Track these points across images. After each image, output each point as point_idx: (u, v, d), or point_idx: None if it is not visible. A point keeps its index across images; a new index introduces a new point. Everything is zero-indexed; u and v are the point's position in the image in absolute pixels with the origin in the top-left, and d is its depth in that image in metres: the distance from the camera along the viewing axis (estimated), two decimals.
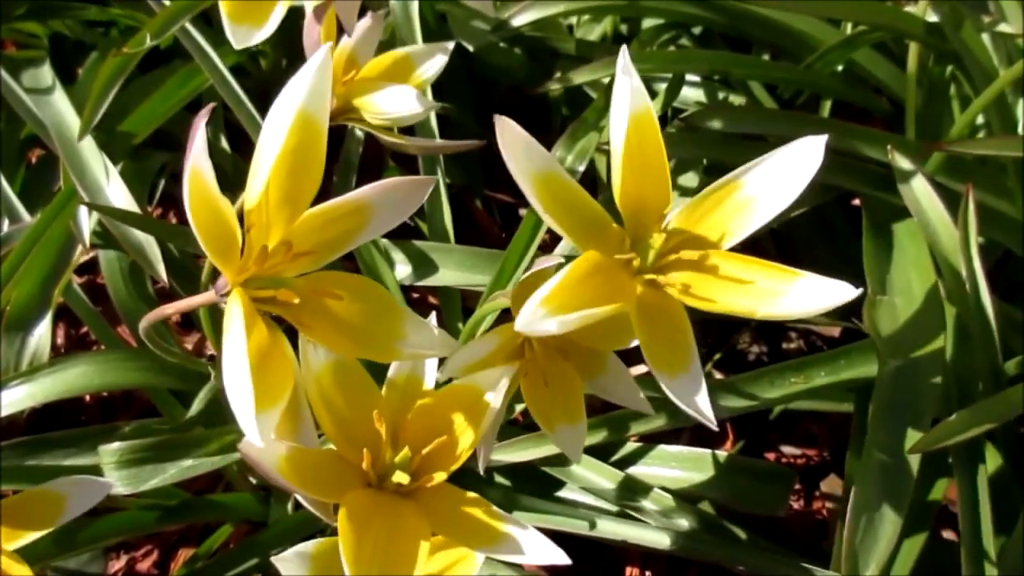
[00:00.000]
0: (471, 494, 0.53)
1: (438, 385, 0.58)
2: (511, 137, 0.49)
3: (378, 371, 0.56)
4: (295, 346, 0.51)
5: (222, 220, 0.46)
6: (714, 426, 0.48)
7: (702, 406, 0.48)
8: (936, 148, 0.71)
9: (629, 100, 0.51)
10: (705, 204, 0.53)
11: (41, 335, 0.77)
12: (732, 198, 0.53)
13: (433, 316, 0.60)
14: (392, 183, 0.51)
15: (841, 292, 0.48)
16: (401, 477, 0.51)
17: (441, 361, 0.55)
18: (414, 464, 0.52)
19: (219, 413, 0.72)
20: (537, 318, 0.47)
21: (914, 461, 0.62)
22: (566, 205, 0.51)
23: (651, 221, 0.52)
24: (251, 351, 0.44)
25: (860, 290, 0.48)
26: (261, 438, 0.43)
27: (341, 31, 0.66)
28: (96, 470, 0.72)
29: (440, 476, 0.51)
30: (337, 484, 0.50)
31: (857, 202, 0.86)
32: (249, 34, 0.56)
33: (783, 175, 0.52)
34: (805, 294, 0.49)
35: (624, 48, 0.52)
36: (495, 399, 0.54)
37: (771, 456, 0.83)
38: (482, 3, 0.61)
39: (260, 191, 0.47)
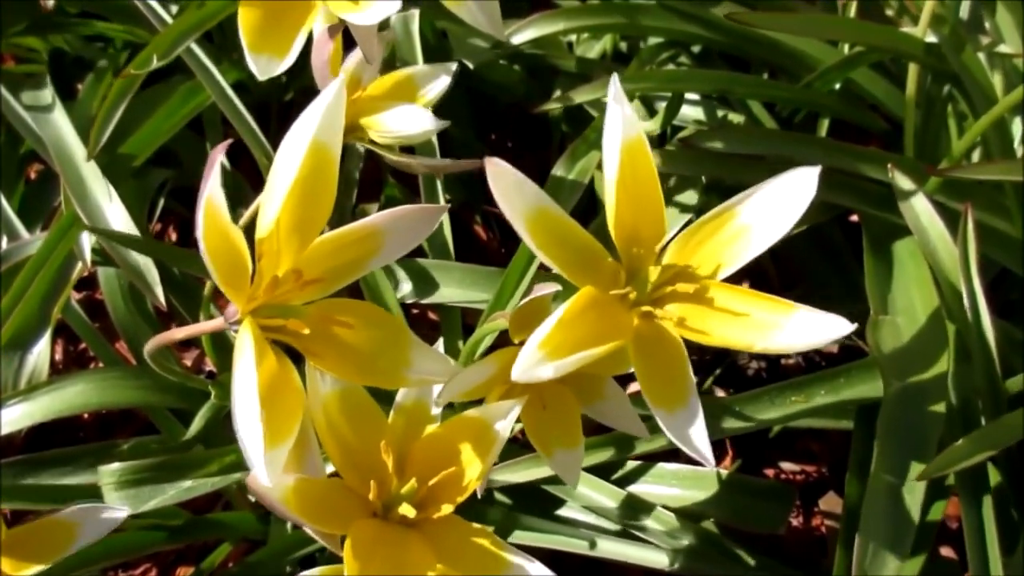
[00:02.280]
0: (477, 526, 0.53)
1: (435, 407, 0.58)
2: (502, 176, 0.49)
3: (385, 396, 0.56)
4: (301, 371, 0.51)
5: (234, 250, 0.47)
6: (712, 466, 0.49)
7: (700, 445, 0.49)
8: (936, 174, 0.71)
9: (621, 129, 0.52)
10: (700, 233, 0.53)
11: (40, 353, 0.77)
12: (727, 227, 0.53)
13: (440, 342, 0.61)
14: (403, 211, 0.51)
15: (837, 327, 0.49)
16: (407, 510, 0.51)
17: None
18: (420, 495, 0.52)
19: (219, 432, 0.72)
20: (534, 363, 0.47)
21: (919, 484, 0.62)
22: (560, 241, 0.51)
23: (646, 251, 0.52)
24: (261, 385, 0.44)
25: (855, 325, 0.49)
26: (269, 477, 0.43)
27: (346, 50, 0.66)
28: (94, 489, 0.72)
29: (447, 509, 0.52)
30: (343, 514, 0.51)
31: (855, 218, 0.86)
32: (271, 64, 0.56)
33: (778, 204, 0.53)
34: (801, 327, 0.50)
35: (615, 77, 0.52)
36: (503, 431, 0.54)
37: (770, 472, 0.83)
38: (492, 26, 0.61)
39: (272, 221, 0.47)
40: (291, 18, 0.57)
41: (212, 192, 0.45)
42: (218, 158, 0.46)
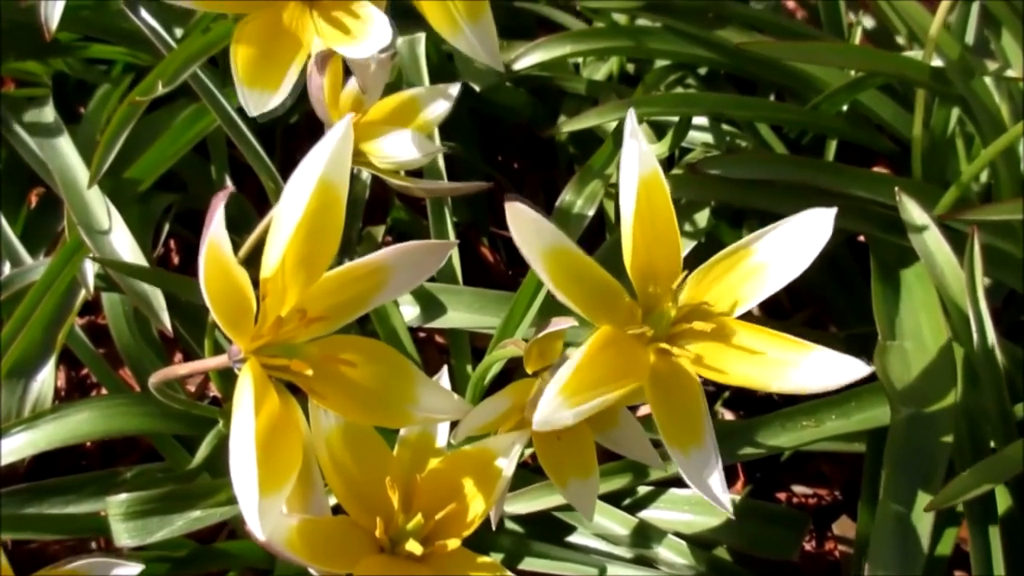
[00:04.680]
0: (485, 558, 0.53)
1: (451, 446, 0.57)
2: (520, 216, 0.50)
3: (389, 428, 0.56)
4: (303, 402, 0.51)
5: (237, 291, 0.47)
6: (729, 512, 0.49)
7: (715, 489, 0.49)
8: (944, 217, 0.71)
9: (638, 165, 0.52)
10: (716, 270, 0.54)
11: (44, 380, 0.76)
12: (743, 264, 0.54)
13: (445, 374, 0.60)
14: (410, 247, 0.51)
15: (853, 369, 0.50)
16: (414, 547, 0.51)
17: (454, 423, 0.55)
18: (427, 529, 0.52)
19: (225, 459, 0.72)
20: (554, 410, 0.47)
21: (928, 513, 0.62)
22: (577, 278, 0.51)
23: (662, 288, 0.53)
24: (262, 428, 0.44)
25: (871, 368, 0.49)
26: (263, 526, 0.42)
27: (348, 73, 0.66)
28: (98, 518, 0.71)
29: (454, 543, 0.51)
30: (349, 552, 0.50)
31: (862, 238, 0.86)
32: (264, 99, 0.56)
33: (794, 243, 0.53)
34: (817, 369, 0.50)
35: (631, 112, 0.52)
36: (508, 465, 0.54)
37: (782, 496, 0.83)
38: (490, 57, 0.61)
39: (278, 260, 0.47)
40: (284, 53, 0.57)
41: (215, 236, 0.45)
42: (221, 203, 0.46)
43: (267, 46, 0.57)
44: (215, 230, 0.45)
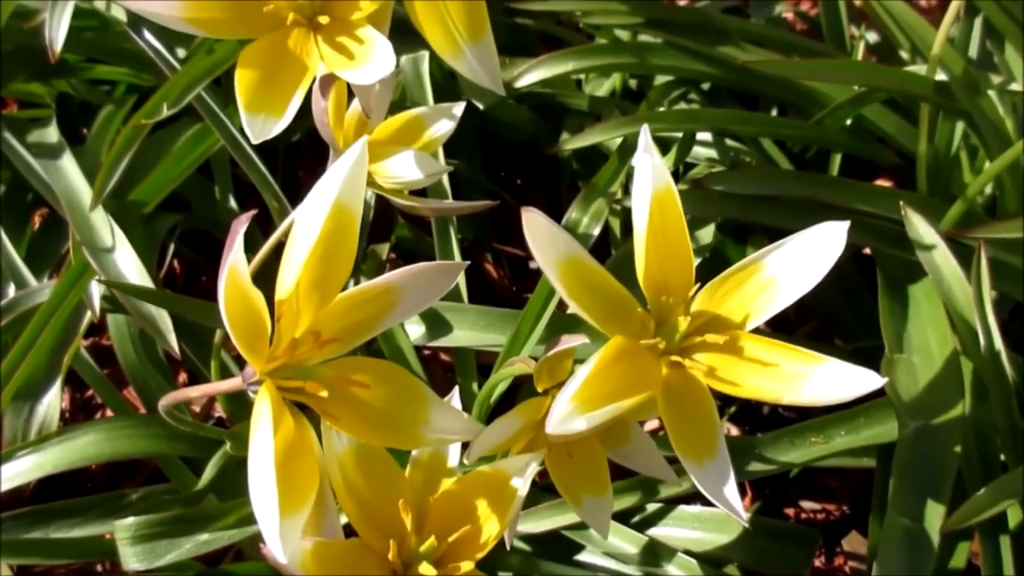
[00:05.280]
0: None
1: (463, 467, 0.57)
2: (536, 226, 0.50)
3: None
4: (315, 423, 0.51)
5: (254, 314, 0.47)
6: (744, 522, 0.48)
7: (731, 499, 0.49)
8: (948, 235, 0.71)
9: (651, 180, 0.52)
10: (727, 284, 0.54)
11: (50, 403, 0.76)
12: (754, 279, 0.54)
13: (456, 395, 0.60)
14: (420, 268, 0.51)
15: (865, 381, 0.50)
16: (427, 569, 0.50)
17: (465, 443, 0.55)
18: (440, 551, 0.52)
19: (231, 480, 0.72)
20: (566, 416, 0.47)
21: (936, 527, 0.62)
22: (591, 289, 0.51)
23: (675, 301, 0.53)
24: (279, 452, 0.44)
25: (886, 379, 0.49)
26: (284, 548, 0.42)
27: (351, 94, 0.66)
28: (103, 541, 0.71)
29: (467, 566, 0.51)
30: (363, 574, 0.50)
31: (868, 251, 0.86)
32: (267, 125, 0.55)
33: (806, 258, 0.53)
34: (830, 381, 0.50)
35: (646, 127, 0.53)
36: (522, 486, 0.54)
37: (790, 512, 0.82)
38: (491, 81, 0.61)
39: (293, 282, 0.47)
40: (288, 78, 0.57)
41: (235, 261, 0.46)
42: (241, 228, 0.46)
43: (271, 72, 0.57)
44: (235, 255, 0.46)
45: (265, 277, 0.52)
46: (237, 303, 0.46)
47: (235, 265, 0.45)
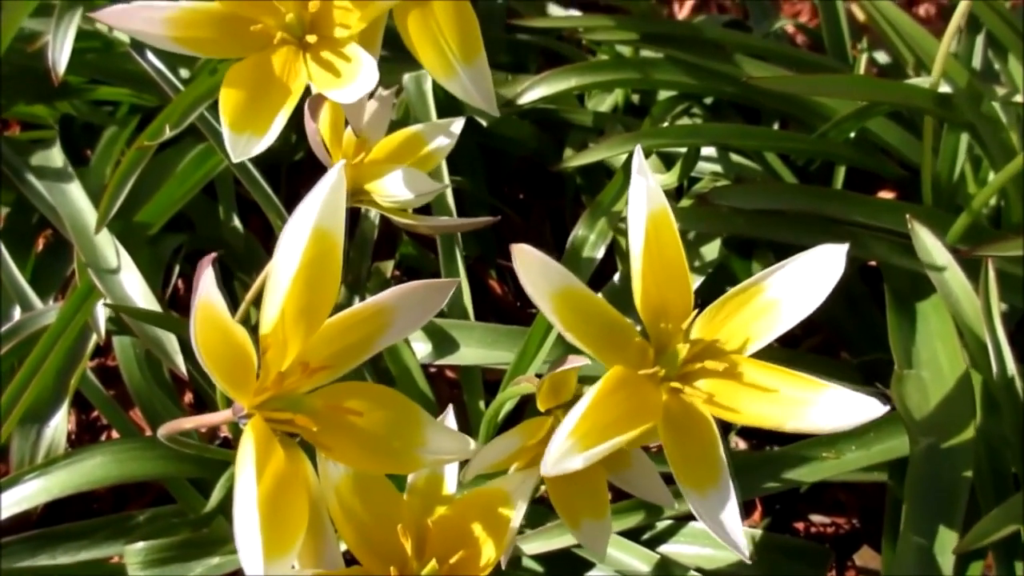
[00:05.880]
0: None
1: (460, 485, 0.57)
2: (527, 259, 0.49)
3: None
4: (307, 447, 0.50)
5: (236, 349, 0.46)
6: (747, 558, 0.48)
7: (732, 532, 0.48)
8: (955, 254, 0.71)
9: (646, 202, 0.52)
10: (727, 307, 0.53)
11: (56, 426, 0.76)
12: (755, 301, 0.53)
13: (451, 413, 0.60)
14: (412, 287, 0.50)
15: (868, 409, 0.49)
16: None
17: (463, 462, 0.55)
18: (442, 574, 0.51)
19: None
20: (563, 454, 0.47)
21: (949, 546, 0.61)
22: (587, 319, 0.51)
23: (674, 326, 0.52)
24: (268, 487, 0.44)
25: (887, 408, 0.49)
26: None
27: None
28: (111, 564, 0.71)
29: None
30: None
31: (873, 263, 0.86)
32: (249, 144, 0.55)
33: (807, 280, 0.53)
34: (833, 407, 0.49)
35: (638, 148, 0.52)
36: (519, 506, 0.53)
37: (800, 526, 0.82)
38: (485, 102, 0.61)
39: (276, 313, 0.46)
40: (274, 97, 0.57)
41: (205, 297, 0.45)
42: (207, 267, 0.45)
43: (257, 91, 0.56)
44: (205, 293, 0.45)
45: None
46: (214, 341, 0.45)
47: (207, 302, 0.45)
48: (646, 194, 0.52)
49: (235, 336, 0.46)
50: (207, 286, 0.45)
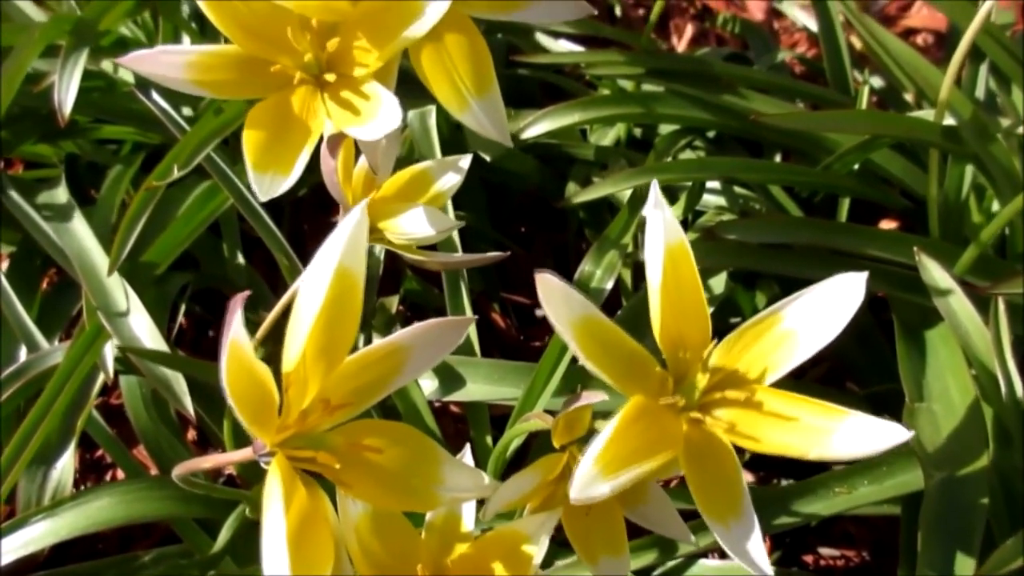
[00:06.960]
0: None
1: (478, 523, 0.56)
2: (549, 288, 0.50)
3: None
4: (328, 484, 0.50)
5: (260, 388, 0.46)
6: None
7: (759, 560, 0.48)
8: (980, 293, 0.71)
9: (663, 235, 0.52)
10: (745, 337, 0.53)
11: (63, 467, 0.76)
12: (772, 331, 0.53)
13: (468, 452, 0.60)
14: (428, 325, 0.51)
15: (891, 435, 0.49)
16: None
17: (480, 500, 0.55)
18: None
19: (247, 543, 0.71)
20: (590, 481, 0.47)
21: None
22: (607, 348, 0.51)
23: (693, 357, 0.52)
24: (292, 526, 0.44)
25: (911, 433, 0.48)
26: None
27: (359, 151, 0.66)
28: None
29: None
30: None
31: (882, 293, 0.86)
32: (275, 183, 0.55)
33: (824, 310, 0.53)
34: (855, 435, 0.50)
35: (655, 183, 0.53)
36: (539, 547, 0.53)
37: (809, 559, 0.82)
38: (498, 133, 0.61)
39: (299, 351, 0.46)
40: (295, 136, 0.57)
41: (235, 338, 0.45)
42: (238, 306, 0.45)
43: (278, 130, 0.57)
44: (235, 332, 0.45)
45: (276, 339, 0.52)
46: (241, 380, 0.45)
47: (236, 342, 0.45)
48: (663, 227, 0.52)
49: (259, 375, 0.46)
50: (237, 327, 0.45)
